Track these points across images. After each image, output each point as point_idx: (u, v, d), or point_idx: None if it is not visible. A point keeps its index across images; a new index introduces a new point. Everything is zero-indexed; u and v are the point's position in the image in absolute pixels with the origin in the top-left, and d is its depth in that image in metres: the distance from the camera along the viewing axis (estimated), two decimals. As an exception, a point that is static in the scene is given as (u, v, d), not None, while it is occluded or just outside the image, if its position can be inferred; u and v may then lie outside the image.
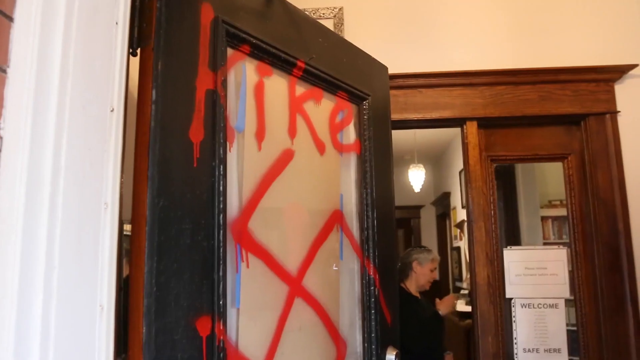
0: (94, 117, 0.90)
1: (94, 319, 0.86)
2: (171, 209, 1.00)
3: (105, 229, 0.89)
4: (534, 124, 2.59)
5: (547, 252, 2.60)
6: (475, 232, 2.47)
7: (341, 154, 1.59)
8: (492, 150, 2.59)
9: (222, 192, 1.10)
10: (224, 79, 1.16)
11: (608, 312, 2.38)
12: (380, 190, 1.67)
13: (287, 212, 1.33)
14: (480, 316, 2.42)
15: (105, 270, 0.88)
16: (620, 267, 2.38)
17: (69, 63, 0.85)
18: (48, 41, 0.81)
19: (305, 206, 1.41)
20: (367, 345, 1.55)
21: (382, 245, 1.63)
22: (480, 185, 2.50)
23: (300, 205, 1.38)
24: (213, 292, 1.06)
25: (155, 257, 0.95)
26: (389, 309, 1.63)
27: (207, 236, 1.06)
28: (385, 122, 1.80)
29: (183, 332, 0.99)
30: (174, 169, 1.02)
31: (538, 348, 2.50)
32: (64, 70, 0.84)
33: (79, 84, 0.87)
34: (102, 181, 0.90)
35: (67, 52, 0.84)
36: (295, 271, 1.32)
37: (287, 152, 1.36)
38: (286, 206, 1.33)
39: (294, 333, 1.29)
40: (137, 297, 0.94)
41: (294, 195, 1.36)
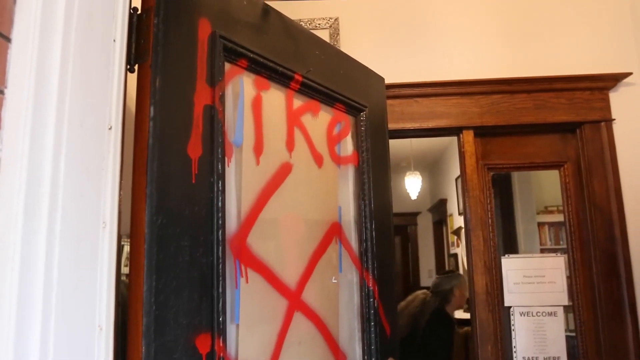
0: (92, 135, 0.89)
1: (92, 340, 0.85)
2: (170, 226, 0.99)
3: (103, 248, 0.88)
4: (530, 132, 2.59)
5: (544, 260, 2.60)
6: (473, 240, 2.46)
7: (339, 166, 1.59)
8: (488, 158, 2.59)
9: (221, 208, 1.09)
10: (221, 94, 1.16)
11: (606, 318, 2.38)
12: (379, 201, 1.66)
13: (286, 226, 1.33)
14: (479, 325, 2.42)
15: (104, 291, 0.87)
16: (617, 274, 2.38)
17: (66, 82, 0.84)
18: (46, 61, 0.81)
19: (304, 219, 1.40)
20: (367, 357, 1.54)
21: (380, 257, 1.62)
22: (478, 193, 2.50)
23: (298, 218, 1.38)
24: (212, 308, 1.05)
25: (154, 275, 0.94)
26: (388, 320, 1.62)
27: (206, 252, 1.06)
28: (383, 132, 1.80)
29: (183, 351, 0.98)
30: (173, 186, 1.01)
31: (537, 356, 2.49)
32: (61, 90, 0.83)
33: (77, 103, 0.86)
34: (100, 199, 0.89)
35: (64, 71, 0.83)
36: (294, 285, 1.31)
37: (285, 165, 1.35)
38: (284, 219, 1.33)
39: (293, 347, 1.28)
40: (136, 316, 0.93)
41: (292, 209, 1.36)
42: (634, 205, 2.43)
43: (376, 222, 1.63)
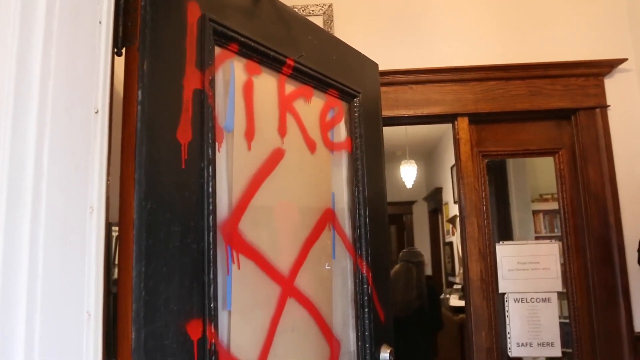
0: (78, 119, 0.87)
1: (80, 327, 0.84)
2: (159, 211, 0.97)
3: (91, 233, 0.86)
4: (524, 119, 2.58)
5: (539, 246, 2.60)
6: (468, 227, 2.46)
7: (332, 152, 1.58)
8: (483, 145, 2.58)
9: (212, 194, 1.08)
10: (211, 78, 1.14)
11: (600, 304, 2.38)
12: (372, 187, 1.65)
13: (278, 212, 1.31)
14: (474, 311, 2.42)
15: (92, 276, 0.85)
16: (611, 260, 2.38)
17: (50, 64, 0.82)
18: (28, 42, 0.78)
19: (297, 205, 1.39)
20: (360, 344, 1.54)
21: (374, 243, 1.61)
22: (472, 181, 2.49)
23: (291, 204, 1.36)
24: (204, 295, 1.03)
25: (144, 261, 0.93)
26: (382, 307, 1.62)
27: (197, 238, 1.04)
28: (376, 119, 1.78)
29: (173, 337, 0.97)
30: (162, 171, 1.00)
31: (531, 342, 2.50)
32: (44, 73, 0.81)
33: (61, 86, 0.84)
34: (88, 185, 0.87)
35: (48, 53, 0.81)
36: (287, 271, 1.30)
37: (278, 151, 1.33)
38: (277, 206, 1.31)
39: (286, 334, 1.27)
40: (126, 302, 0.92)
41: (285, 195, 1.34)
42: (629, 192, 2.43)
43: (370, 208, 1.62)
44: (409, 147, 6.37)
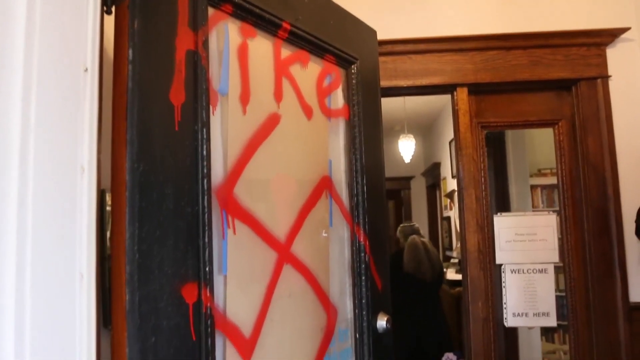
0: (66, 77, 0.85)
1: (73, 288, 0.83)
2: (152, 173, 0.96)
3: (82, 193, 0.85)
4: (524, 90, 2.55)
5: (537, 218, 2.60)
6: (466, 199, 2.45)
7: (329, 119, 1.55)
8: (482, 116, 2.55)
9: (206, 157, 1.06)
10: (205, 39, 1.11)
11: (596, 276, 2.39)
12: (370, 156, 1.63)
13: (274, 178, 1.30)
14: (471, 282, 2.43)
15: (84, 237, 0.84)
16: (609, 232, 2.38)
17: (35, 21, 0.79)
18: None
19: (293, 172, 1.37)
20: (357, 311, 1.54)
21: (372, 212, 1.60)
22: (471, 152, 2.47)
23: (287, 170, 1.35)
24: (199, 258, 1.02)
25: (137, 223, 0.91)
26: (380, 275, 1.62)
27: (191, 202, 1.03)
28: (374, 87, 1.75)
29: (168, 300, 0.96)
30: (155, 133, 0.97)
31: (527, 312, 2.52)
32: (29, 29, 0.78)
33: (48, 43, 0.81)
34: (78, 144, 0.85)
35: (32, 7, 0.78)
36: (283, 238, 1.29)
37: (273, 116, 1.31)
38: (273, 172, 1.30)
39: (283, 300, 1.27)
40: (119, 265, 0.91)
41: (281, 161, 1.33)
42: (628, 163, 2.42)
43: (367, 177, 1.60)
44: (407, 121, 6.33)
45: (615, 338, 2.36)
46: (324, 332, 1.41)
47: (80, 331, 0.82)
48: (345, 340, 1.53)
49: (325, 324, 1.43)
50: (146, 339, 0.91)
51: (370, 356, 1.53)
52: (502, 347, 3.33)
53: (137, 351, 0.89)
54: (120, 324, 0.89)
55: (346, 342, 1.53)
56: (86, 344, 0.82)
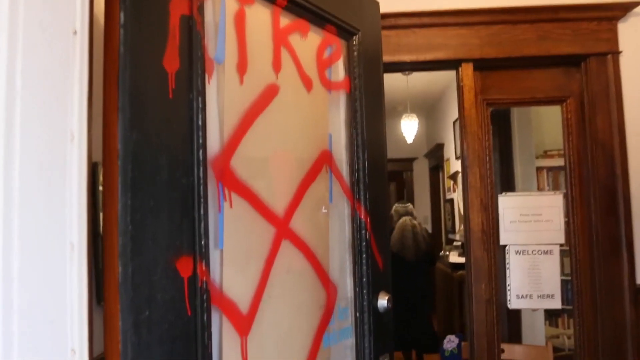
0: (54, 40, 0.83)
1: (64, 260, 0.82)
2: (145, 142, 0.94)
3: (72, 161, 0.83)
4: (532, 66, 2.52)
5: (542, 198, 2.59)
6: (470, 177, 2.44)
7: (329, 92, 1.53)
8: (488, 93, 2.53)
9: (202, 127, 1.04)
10: (200, 4, 1.09)
11: (602, 256, 2.38)
12: (371, 131, 1.62)
13: (273, 151, 1.28)
14: (474, 263, 2.43)
15: (74, 206, 0.83)
16: (616, 211, 2.37)
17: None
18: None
19: (292, 145, 1.36)
20: (358, 290, 1.54)
21: (373, 189, 1.59)
22: (476, 129, 2.45)
23: (286, 143, 1.33)
24: (194, 231, 1.02)
25: (129, 194, 0.90)
26: (381, 253, 1.61)
27: (186, 173, 1.01)
28: (377, 59, 1.73)
29: (162, 273, 0.95)
30: (148, 100, 0.96)
31: (531, 294, 2.52)
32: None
33: (34, 1, 0.79)
34: (67, 110, 0.84)
35: (18, -37, 0.76)
36: (282, 212, 1.28)
37: (272, 87, 1.29)
38: (271, 144, 1.28)
39: (281, 276, 1.27)
40: (112, 236, 0.90)
41: (279, 133, 1.31)
42: (637, 141, 2.40)
43: (369, 152, 1.58)
44: (410, 101, 6.29)
45: (621, 320, 2.37)
46: (323, 310, 1.41)
47: (71, 303, 0.81)
48: (345, 319, 1.53)
49: (325, 302, 1.43)
50: (140, 311, 0.90)
51: (371, 335, 1.53)
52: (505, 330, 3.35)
53: (131, 324, 0.89)
54: (113, 296, 0.88)
55: (346, 320, 1.53)
56: (77, 316, 0.82)
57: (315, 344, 1.37)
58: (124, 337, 0.88)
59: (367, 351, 1.52)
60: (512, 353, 2.71)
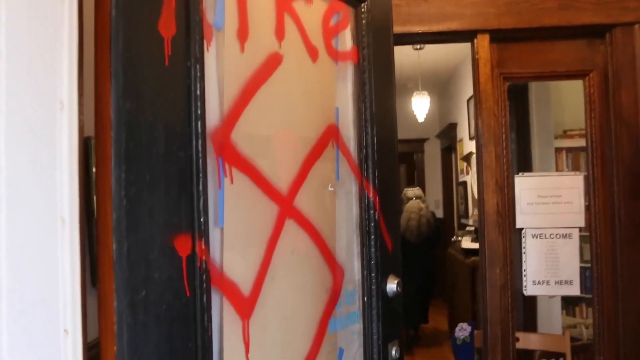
0: (41, 1, 0.81)
1: (54, 235, 0.81)
2: (140, 112, 0.93)
3: (62, 131, 0.82)
4: (552, 37, 2.48)
5: (562, 178, 2.57)
6: (485, 156, 2.42)
7: (336, 62, 1.51)
8: (505, 67, 2.49)
9: (200, 96, 1.03)
10: (198, -35, 1.06)
11: (625, 240, 2.37)
12: (381, 104, 1.60)
13: (276, 124, 1.27)
14: (488, 247, 2.42)
15: (65, 178, 0.82)
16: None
17: None
18: None
19: (296, 118, 1.34)
20: (366, 273, 1.53)
21: (382, 166, 1.58)
22: (491, 105, 2.42)
23: (290, 116, 1.32)
24: (192, 208, 1.01)
25: (124, 166, 0.89)
26: (390, 235, 1.60)
27: (184, 145, 1.00)
28: (386, 29, 1.70)
29: (160, 251, 0.94)
30: (142, 67, 0.94)
31: (549, 280, 2.52)
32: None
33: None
34: (56, 76, 0.82)
35: None
36: (285, 190, 1.27)
37: (275, 55, 1.27)
38: (275, 117, 1.27)
39: (285, 256, 1.26)
40: (105, 211, 0.89)
41: (283, 105, 1.30)
42: (664, 118, 2.37)
43: (378, 127, 1.57)
44: (421, 77, 6.25)
45: (644, 308, 2.36)
46: (329, 293, 1.41)
47: (63, 281, 0.81)
48: (353, 303, 1.52)
49: (331, 285, 1.42)
50: (136, 291, 0.90)
51: (379, 321, 1.53)
52: (520, 318, 3.36)
53: (127, 304, 0.88)
54: (107, 275, 0.88)
55: (353, 305, 1.53)
56: (70, 295, 0.81)
57: (320, 328, 1.37)
58: (120, 317, 0.88)
59: (376, 337, 1.52)
60: (528, 342, 2.72)
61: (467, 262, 4.98)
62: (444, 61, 6.21)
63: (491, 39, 2.44)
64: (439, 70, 6.63)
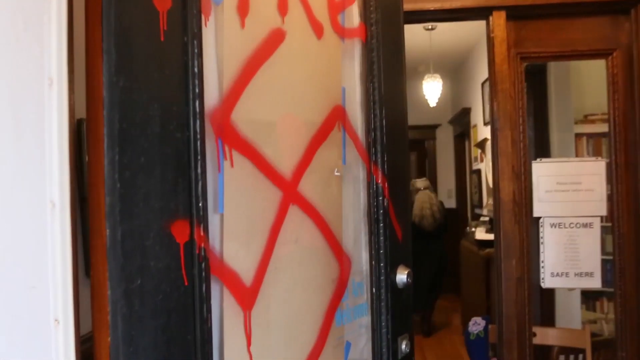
0: (28, -31, 0.80)
1: (44, 219, 0.80)
2: (134, 90, 0.92)
3: (51, 109, 0.81)
4: (573, 14, 2.45)
5: (582, 165, 2.55)
6: (501, 142, 2.40)
7: (343, 40, 1.49)
8: (522, 46, 2.46)
9: (198, 74, 1.01)
10: None
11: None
12: (390, 85, 1.58)
13: (279, 104, 1.26)
14: (504, 237, 2.40)
15: (55, 159, 0.81)
16: (667, 181, 2.33)
17: None
18: None
19: (300, 98, 1.33)
20: (374, 263, 1.52)
21: (392, 150, 1.56)
22: (508, 87, 2.40)
23: (294, 96, 1.30)
24: (190, 192, 1.00)
25: (117, 148, 0.88)
26: (400, 223, 1.59)
27: (181, 126, 0.99)
28: (396, 4, 1.68)
29: (156, 238, 0.94)
30: (136, 42, 0.93)
31: (568, 272, 2.50)
32: None
33: None
34: (44, 50, 0.81)
35: None
36: (289, 174, 1.26)
37: (277, 32, 1.26)
38: (277, 97, 1.26)
39: (289, 245, 1.25)
40: (98, 195, 0.88)
41: (286, 85, 1.28)
42: (692, 100, 2.34)
43: (387, 109, 1.55)
44: (433, 60, 6.20)
45: (669, 302, 2.35)
46: (335, 284, 1.40)
47: (53, 268, 0.81)
48: (360, 295, 1.52)
49: (338, 276, 1.42)
50: (131, 280, 0.89)
51: (388, 314, 1.52)
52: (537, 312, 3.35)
53: (121, 294, 0.88)
54: (101, 263, 0.87)
55: (361, 297, 1.52)
56: (61, 282, 0.81)
57: (326, 321, 1.36)
58: (114, 308, 0.87)
59: (385, 330, 1.51)
60: (545, 337, 2.71)
61: (482, 254, 4.97)
62: (457, 42, 6.16)
63: (508, 16, 2.41)
64: (452, 51, 6.58)
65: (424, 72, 6.30)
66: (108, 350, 0.86)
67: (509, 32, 2.43)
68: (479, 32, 5.00)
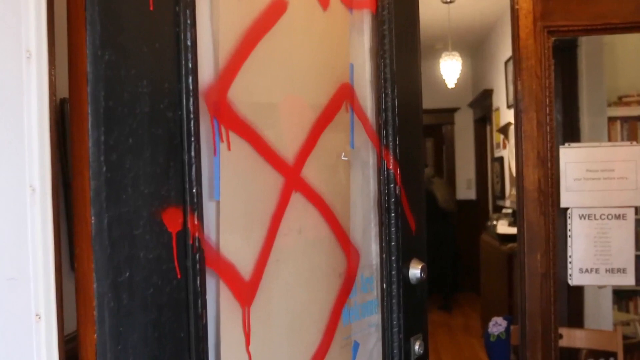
0: None
1: (23, 206, 0.81)
2: (121, 65, 0.91)
3: (30, 84, 0.81)
4: (606, -17, 2.42)
5: (615, 150, 2.53)
6: (525, 124, 2.38)
7: (351, 11, 1.49)
8: (549, 19, 2.44)
9: (191, 47, 1.01)
10: None
11: (689, 222, 2.34)
12: (403, 61, 1.57)
13: (280, 82, 1.25)
14: (528, 229, 2.39)
15: (34, 140, 0.81)
16: None
17: None
18: None
19: (304, 75, 1.32)
20: (385, 256, 1.52)
21: (405, 133, 1.56)
22: (533, 64, 2.38)
23: (296, 73, 1.30)
24: (183, 177, 1.00)
25: (103, 128, 0.88)
26: (414, 213, 1.59)
27: (173, 104, 0.99)
28: (410, -28, 1.67)
29: (146, 226, 0.94)
30: (123, 11, 0.92)
31: (598, 268, 2.49)
32: None
33: None
34: (21, 21, 0.81)
35: None
36: (292, 158, 1.26)
37: (278, 2, 1.25)
38: (278, 73, 1.25)
39: (292, 236, 1.25)
40: (82, 180, 0.88)
41: (288, 60, 1.28)
42: None
43: (399, 88, 1.54)
44: (452, 37, 6.17)
45: None
46: (342, 278, 1.40)
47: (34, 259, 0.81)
48: (370, 291, 1.52)
49: (345, 270, 1.42)
50: (119, 271, 0.89)
51: (400, 311, 1.52)
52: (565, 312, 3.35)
53: (108, 287, 0.88)
54: (86, 253, 0.87)
55: (370, 293, 1.52)
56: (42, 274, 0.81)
57: (332, 319, 1.37)
58: (100, 301, 0.87)
59: (396, 330, 1.51)
60: (573, 339, 2.71)
61: (504, 249, 4.97)
62: (478, 17, 6.11)
63: (533, -13, 2.39)
64: (473, 27, 6.54)
65: (442, 50, 6.26)
66: (94, 347, 0.87)
67: (535, 4, 2.40)
68: (502, 5, 4.98)
